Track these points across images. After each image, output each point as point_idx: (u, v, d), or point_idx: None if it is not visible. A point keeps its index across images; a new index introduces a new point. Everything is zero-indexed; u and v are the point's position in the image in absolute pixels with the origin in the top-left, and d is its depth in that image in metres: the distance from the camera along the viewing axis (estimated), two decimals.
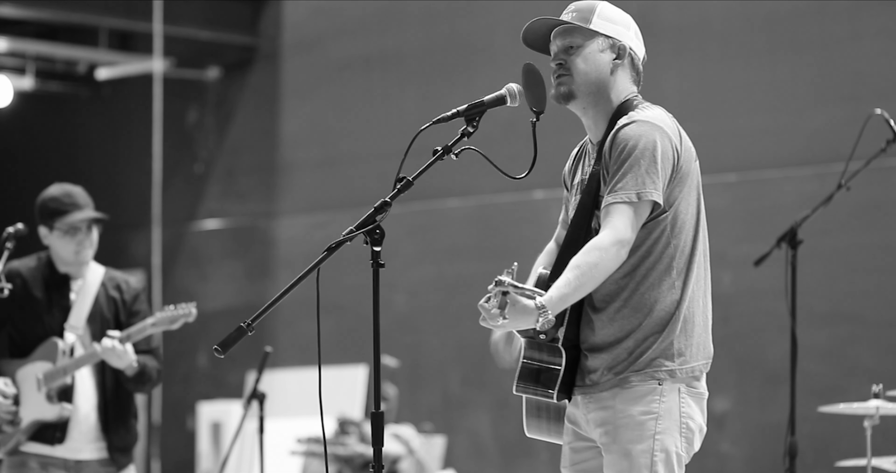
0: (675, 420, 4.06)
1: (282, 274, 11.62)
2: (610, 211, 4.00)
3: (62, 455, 6.00)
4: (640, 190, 4.00)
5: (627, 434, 4.05)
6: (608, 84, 4.20)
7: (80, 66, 12.54)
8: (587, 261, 3.94)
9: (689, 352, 4.09)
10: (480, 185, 10.46)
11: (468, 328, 10.58)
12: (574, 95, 4.19)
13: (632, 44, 4.23)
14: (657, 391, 4.06)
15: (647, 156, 4.02)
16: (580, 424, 4.19)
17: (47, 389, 5.98)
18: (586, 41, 4.18)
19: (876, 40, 8.80)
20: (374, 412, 3.88)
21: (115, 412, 6.05)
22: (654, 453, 4.04)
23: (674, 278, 4.08)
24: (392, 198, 3.91)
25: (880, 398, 5.49)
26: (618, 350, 4.08)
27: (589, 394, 4.13)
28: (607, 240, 3.96)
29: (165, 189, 11.80)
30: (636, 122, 4.10)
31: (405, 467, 9.57)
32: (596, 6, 4.21)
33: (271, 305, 3.82)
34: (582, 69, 4.17)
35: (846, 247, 8.77)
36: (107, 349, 5.85)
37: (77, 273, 6.11)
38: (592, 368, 4.12)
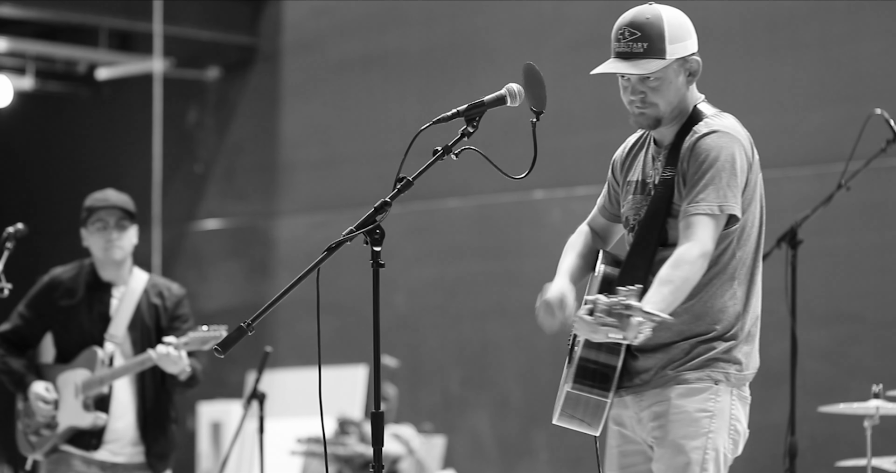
0: (725, 421, 4.09)
1: (282, 274, 11.62)
2: (693, 223, 4.01)
3: (100, 457, 6.08)
4: (721, 203, 4.02)
5: (682, 429, 4.07)
6: (685, 99, 4.22)
7: (80, 66, 12.54)
8: (680, 276, 3.94)
9: (745, 360, 4.14)
10: (480, 185, 10.46)
11: (468, 328, 10.58)
12: (661, 122, 4.21)
13: (694, 48, 4.23)
14: (713, 390, 4.08)
15: (727, 168, 4.04)
16: (628, 425, 4.21)
17: (84, 397, 6.05)
18: (664, 71, 4.17)
19: (876, 40, 8.80)
20: (374, 412, 3.87)
21: (154, 419, 6.13)
22: (707, 450, 4.05)
23: (735, 287, 4.11)
24: (392, 198, 3.91)
25: (880, 398, 5.48)
26: (674, 351, 4.11)
27: (640, 393, 4.15)
28: (695, 253, 3.97)
29: (165, 189, 11.79)
30: (717, 132, 4.11)
31: (405, 467, 9.57)
32: (662, 28, 4.15)
33: (271, 305, 3.82)
34: (666, 98, 4.18)
35: (846, 247, 8.76)
36: (162, 355, 5.91)
37: (119, 280, 6.17)
38: (644, 368, 4.14)
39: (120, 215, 6.12)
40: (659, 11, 4.18)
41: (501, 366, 10.33)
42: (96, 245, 6.13)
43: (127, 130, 12.81)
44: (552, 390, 11.26)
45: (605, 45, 4.19)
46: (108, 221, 6.11)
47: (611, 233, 4.53)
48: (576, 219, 11.81)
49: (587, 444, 4.51)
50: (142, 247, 12.26)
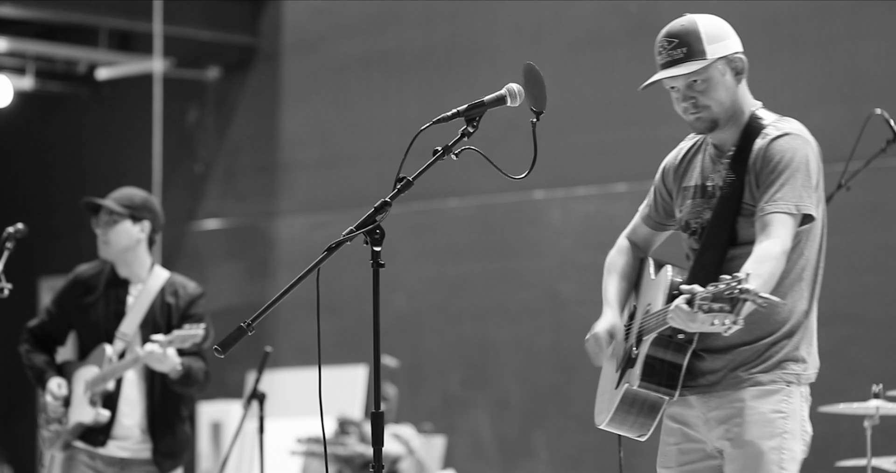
0: (798, 422, 4.15)
1: (282, 274, 11.62)
2: (772, 220, 4.07)
3: (108, 453, 6.09)
4: (798, 203, 4.09)
5: (758, 430, 4.10)
6: (738, 99, 4.27)
7: (80, 66, 12.54)
8: (767, 270, 3.99)
9: (810, 360, 4.21)
10: (480, 185, 10.45)
11: (468, 328, 10.58)
12: (717, 124, 4.24)
13: (739, 46, 4.30)
14: (785, 391, 4.14)
15: (802, 170, 4.12)
16: (693, 425, 4.23)
17: (91, 394, 6.06)
18: (708, 72, 4.22)
19: (876, 40, 8.80)
20: (374, 412, 3.87)
21: (162, 418, 6.11)
22: (783, 450, 4.10)
23: (803, 288, 4.19)
24: (392, 198, 3.91)
25: (880, 398, 5.49)
26: (745, 352, 4.14)
27: (709, 394, 4.18)
28: (777, 249, 4.03)
29: (165, 189, 11.79)
30: (790, 134, 4.18)
31: (405, 467, 9.57)
32: (699, 30, 4.23)
33: (271, 305, 3.81)
34: (716, 99, 4.23)
35: (846, 247, 8.76)
36: (148, 353, 5.90)
37: (136, 278, 6.18)
38: (711, 369, 4.17)
39: (106, 211, 6.12)
40: (693, 18, 4.27)
41: (501, 366, 10.33)
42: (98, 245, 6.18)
43: (127, 130, 12.81)
44: (552, 390, 11.25)
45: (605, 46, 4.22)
46: (98, 219, 6.14)
47: (653, 242, 4.57)
48: (576, 219, 11.84)
49: (587, 444, 4.51)
50: None
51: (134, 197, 6.18)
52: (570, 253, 10.02)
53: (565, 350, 9.99)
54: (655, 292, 4.31)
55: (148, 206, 6.20)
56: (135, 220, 6.15)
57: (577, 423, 9.77)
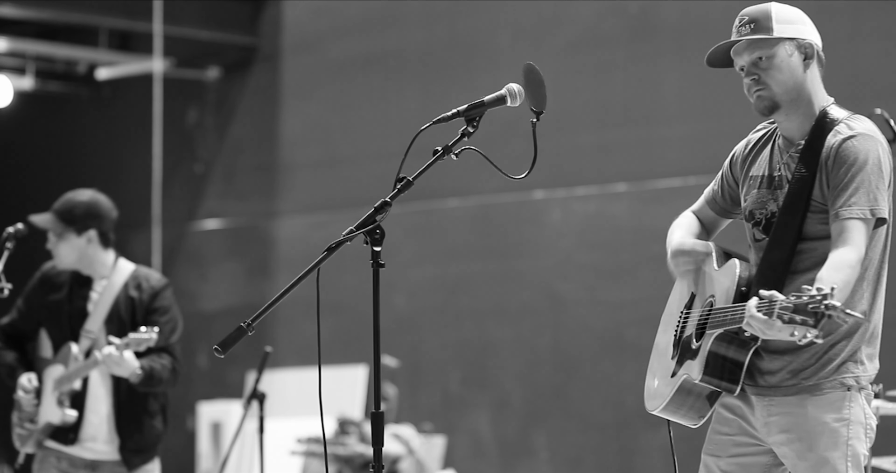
0: (862, 424, 4.17)
1: (282, 274, 11.62)
2: (848, 227, 4.05)
3: (78, 454, 6.05)
4: (872, 206, 4.07)
5: (824, 441, 4.12)
6: (806, 86, 4.28)
7: (80, 66, 12.54)
8: (843, 279, 3.97)
9: (870, 362, 4.19)
10: (480, 185, 10.46)
11: (468, 328, 10.58)
12: (778, 105, 4.24)
13: (813, 37, 4.31)
14: (847, 397, 4.14)
15: (875, 172, 4.10)
16: (751, 422, 4.24)
17: (58, 393, 6.02)
18: (773, 49, 4.23)
19: (876, 40, 8.80)
20: (374, 412, 3.87)
21: (128, 414, 6.05)
22: (848, 458, 4.13)
23: (864, 288, 4.14)
24: (392, 198, 3.91)
25: (880, 399, 5.48)
26: (804, 354, 4.13)
27: (769, 397, 4.18)
28: (855, 257, 4.02)
29: (165, 189, 11.79)
30: (861, 135, 4.15)
31: (405, 467, 9.57)
32: (770, 10, 4.24)
33: (271, 305, 3.81)
34: (778, 79, 4.23)
35: None
36: (105, 356, 5.84)
37: (98, 274, 6.12)
38: (771, 369, 4.17)
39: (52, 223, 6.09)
40: (770, 2, 4.28)
41: (501, 366, 10.33)
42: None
43: (127, 130, 12.82)
44: (552, 390, 11.23)
45: (605, 46, 4.22)
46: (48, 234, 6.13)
47: (716, 226, 4.57)
48: (576, 219, 11.81)
49: (587, 444, 4.51)
50: (142, 247, 12.31)
51: (74, 208, 6.06)
52: (570, 253, 10.02)
53: (565, 350, 9.99)
54: (720, 285, 4.29)
55: (92, 212, 6.07)
56: (79, 232, 6.06)
57: (577, 423, 9.77)
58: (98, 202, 6.13)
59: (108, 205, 6.15)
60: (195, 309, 12.00)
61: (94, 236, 6.09)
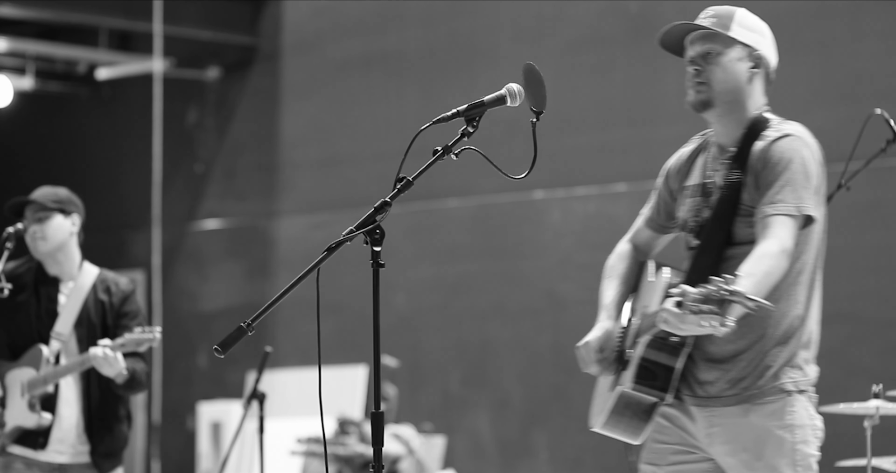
0: (807, 427, 4.15)
1: (282, 274, 11.62)
2: (772, 222, 4.04)
3: (46, 459, 5.96)
4: (799, 204, 4.07)
5: (770, 449, 4.10)
6: (745, 93, 4.25)
7: (80, 66, 12.54)
8: (762, 269, 3.95)
9: (808, 366, 4.19)
10: (480, 185, 10.46)
11: (468, 328, 10.58)
12: (712, 103, 4.23)
13: (768, 53, 4.29)
14: (788, 402, 4.13)
15: (802, 171, 4.11)
16: (692, 433, 4.22)
17: (29, 396, 5.94)
18: (725, 49, 4.22)
19: (876, 40, 8.80)
20: (374, 412, 3.87)
21: (99, 418, 6.00)
22: (797, 465, 4.12)
23: (798, 292, 4.15)
24: (392, 198, 3.90)
25: (880, 398, 5.48)
26: (741, 363, 4.12)
27: (710, 408, 4.17)
28: (776, 248, 3.99)
29: (165, 189, 11.79)
30: (791, 136, 4.17)
31: (405, 467, 9.57)
32: (735, 13, 4.25)
33: (271, 305, 3.81)
34: (721, 78, 4.22)
35: (846, 247, 8.76)
36: (98, 357, 5.78)
37: (66, 276, 6.05)
38: (709, 379, 4.16)
39: (36, 208, 5.99)
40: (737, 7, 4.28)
41: (501, 366, 10.33)
42: (28, 242, 6.02)
43: (127, 130, 12.82)
44: (552, 390, 11.25)
45: (605, 46, 4.23)
46: (28, 216, 5.99)
47: (655, 245, 4.56)
48: (576, 219, 11.84)
49: (587, 444, 4.51)
50: (142, 247, 12.32)
51: (58, 193, 6.06)
52: (570, 253, 10.02)
53: (565, 350, 9.99)
54: (652, 294, 4.30)
55: (73, 200, 6.08)
56: (65, 214, 6.03)
57: (577, 423, 9.77)
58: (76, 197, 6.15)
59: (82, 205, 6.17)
60: (195, 309, 12.00)
61: (78, 223, 6.08)
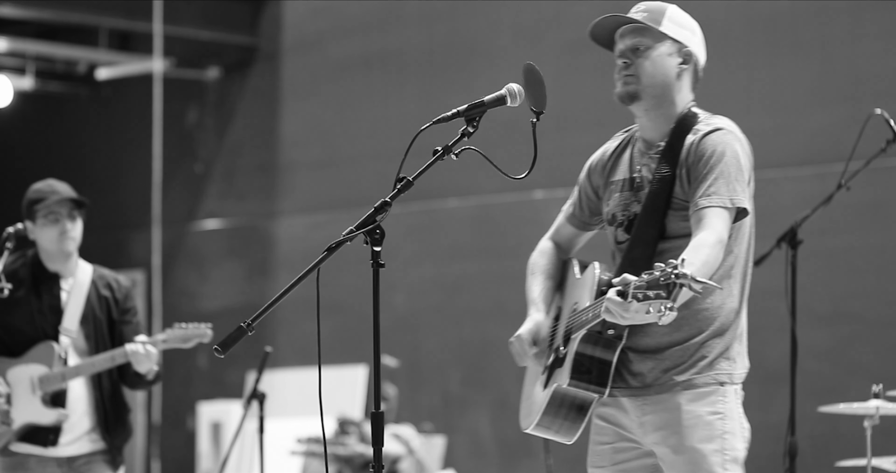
0: (736, 421, 4.13)
1: (282, 274, 11.62)
2: (706, 214, 4.05)
3: (56, 454, 5.93)
4: (732, 197, 4.07)
5: (697, 433, 4.08)
6: (673, 88, 4.26)
7: (80, 66, 12.54)
8: (700, 259, 3.94)
9: (740, 359, 4.17)
10: (480, 185, 10.46)
11: (468, 328, 10.58)
12: (639, 96, 4.25)
13: (697, 50, 4.29)
14: (720, 392, 4.12)
15: (734, 164, 4.10)
16: (626, 427, 4.21)
17: (43, 393, 5.90)
18: (655, 43, 4.24)
19: (876, 40, 8.80)
20: (374, 412, 3.87)
21: (112, 411, 6.00)
22: (725, 452, 4.09)
23: (732, 285, 4.14)
24: (392, 198, 3.91)
25: (880, 398, 5.48)
26: (676, 353, 4.12)
27: (642, 397, 4.16)
28: (712, 238, 4.00)
29: (165, 189, 11.79)
30: (721, 130, 4.17)
31: (405, 467, 9.57)
32: (666, 8, 4.26)
33: (271, 305, 3.81)
34: (650, 72, 4.23)
35: (846, 247, 8.76)
36: (139, 353, 5.77)
37: (66, 272, 6.03)
38: (642, 370, 4.15)
39: (71, 206, 6.00)
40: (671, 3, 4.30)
41: (501, 366, 10.33)
42: (47, 237, 5.96)
43: (127, 130, 12.82)
44: None
45: None
46: (61, 212, 5.98)
47: (576, 242, 4.61)
48: None
49: (587, 444, 4.50)
50: (142, 247, 12.31)
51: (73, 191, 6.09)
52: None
53: None
54: (582, 291, 4.31)
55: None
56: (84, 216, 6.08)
57: None
58: None
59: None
60: (195, 309, 11.99)
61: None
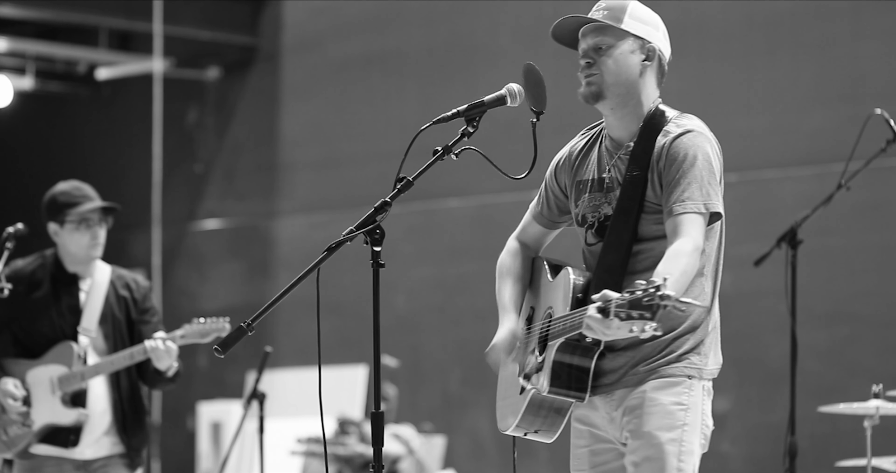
0: (699, 415, 4.09)
1: (282, 274, 11.62)
2: (683, 220, 4.02)
3: (74, 456, 5.90)
4: (706, 201, 4.04)
5: (657, 420, 4.05)
6: (637, 85, 4.22)
7: (80, 66, 12.54)
8: (678, 268, 3.93)
9: (712, 355, 4.14)
10: (480, 185, 10.46)
11: (468, 328, 10.58)
12: (603, 95, 4.23)
13: (661, 45, 4.25)
14: (686, 384, 4.08)
15: (706, 167, 4.07)
16: (599, 425, 4.19)
17: (62, 393, 5.87)
18: (617, 41, 4.21)
19: (876, 40, 8.80)
20: (374, 412, 3.87)
21: (131, 412, 5.98)
22: (682, 442, 4.04)
23: (703, 282, 4.11)
24: (392, 198, 3.91)
25: (880, 398, 5.49)
26: (646, 348, 4.09)
27: (611, 392, 4.13)
28: (689, 246, 3.98)
29: (165, 189, 11.79)
30: (692, 132, 4.13)
31: (405, 467, 9.57)
32: (627, 5, 4.21)
33: (271, 305, 3.81)
34: (612, 70, 4.21)
35: (846, 247, 8.76)
36: (159, 349, 5.75)
37: (85, 272, 6.01)
38: (613, 367, 4.12)
39: (102, 213, 6.00)
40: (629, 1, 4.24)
41: None
42: (76, 243, 5.94)
43: (127, 130, 12.82)
44: None
45: None
46: (93, 219, 5.97)
47: (543, 241, 4.59)
48: None
49: None
50: (142, 247, 12.31)
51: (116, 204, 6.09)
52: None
53: None
54: (556, 295, 4.29)
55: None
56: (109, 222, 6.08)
57: None
58: None
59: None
60: (195, 309, 11.99)
61: None
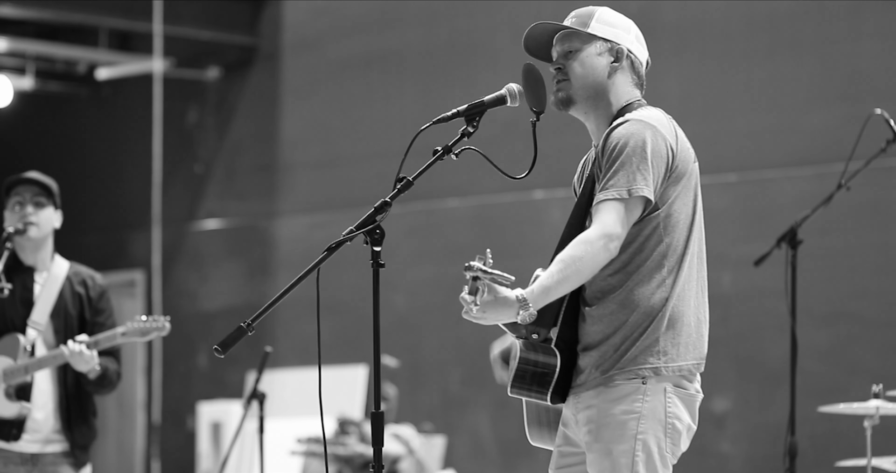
0: (659, 419, 4.02)
1: (282, 274, 11.62)
2: (600, 208, 3.98)
3: (19, 449, 5.89)
4: (630, 186, 3.97)
5: (608, 433, 4.01)
6: (606, 88, 4.18)
7: (80, 66, 12.54)
8: (571, 254, 3.92)
9: (675, 351, 4.04)
10: (480, 185, 10.46)
11: (468, 328, 10.57)
12: (573, 100, 4.18)
13: (631, 47, 4.22)
14: (640, 390, 4.01)
15: (637, 153, 4.00)
16: (570, 426, 4.17)
17: (6, 386, 5.87)
18: (584, 45, 4.19)
19: (876, 40, 8.80)
20: (374, 412, 3.88)
21: (76, 409, 5.95)
22: (636, 453, 3.99)
23: (664, 275, 4.04)
24: (392, 198, 3.91)
25: (880, 398, 5.49)
26: (606, 347, 4.04)
27: (577, 394, 4.10)
28: (593, 234, 3.94)
29: (165, 189, 11.80)
30: (629, 121, 4.07)
31: (405, 467, 9.57)
32: (595, 11, 4.22)
33: (271, 305, 3.82)
34: (579, 73, 4.17)
35: (846, 247, 8.77)
36: (74, 353, 5.74)
37: (41, 265, 5.99)
38: (582, 367, 4.09)
39: (36, 191, 5.92)
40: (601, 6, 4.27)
41: None
42: (11, 223, 5.91)
43: (127, 130, 12.82)
44: None
45: None
46: (24, 196, 5.91)
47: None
48: None
49: None
50: (142, 247, 12.31)
51: (52, 184, 6.01)
52: None
53: None
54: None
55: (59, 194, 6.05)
56: (55, 207, 6.01)
57: None
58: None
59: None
60: (195, 309, 12.00)
61: (59, 219, 6.05)
